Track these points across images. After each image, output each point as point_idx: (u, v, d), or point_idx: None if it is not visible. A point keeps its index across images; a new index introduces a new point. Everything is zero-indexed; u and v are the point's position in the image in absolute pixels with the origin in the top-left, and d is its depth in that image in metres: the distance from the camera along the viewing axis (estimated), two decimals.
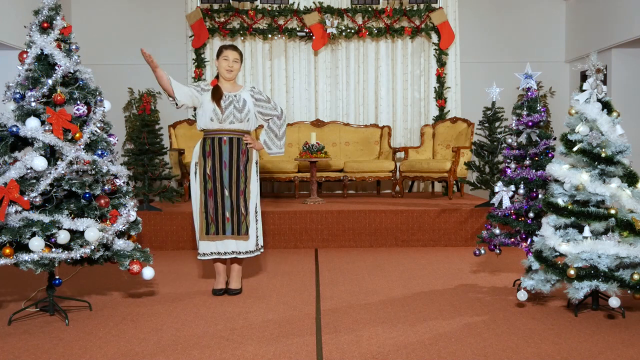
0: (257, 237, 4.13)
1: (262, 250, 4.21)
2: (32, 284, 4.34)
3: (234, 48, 4.15)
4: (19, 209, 3.28)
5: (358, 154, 8.34)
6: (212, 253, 4.08)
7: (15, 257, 3.24)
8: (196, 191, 4.09)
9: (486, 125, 6.23)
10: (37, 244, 3.23)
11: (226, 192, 4.04)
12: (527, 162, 4.08)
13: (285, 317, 3.55)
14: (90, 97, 3.57)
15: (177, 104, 4.06)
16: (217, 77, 4.19)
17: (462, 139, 7.76)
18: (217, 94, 4.05)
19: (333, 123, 8.51)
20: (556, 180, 3.57)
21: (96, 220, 3.46)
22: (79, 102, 3.52)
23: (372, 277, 4.65)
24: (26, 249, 3.27)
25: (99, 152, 3.54)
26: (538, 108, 4.11)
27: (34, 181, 3.35)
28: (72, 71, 3.55)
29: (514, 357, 2.85)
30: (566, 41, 9.10)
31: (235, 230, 4.05)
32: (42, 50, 3.48)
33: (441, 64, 8.61)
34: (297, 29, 8.55)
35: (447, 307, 3.75)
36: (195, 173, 4.08)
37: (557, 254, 3.47)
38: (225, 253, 4.07)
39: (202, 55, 8.53)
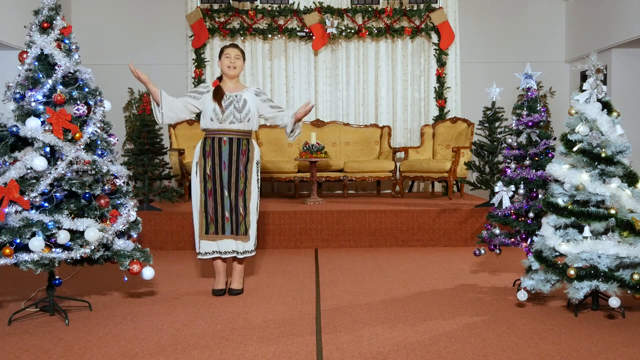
0: (255, 237, 4.14)
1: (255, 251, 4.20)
2: (32, 284, 4.34)
3: (235, 46, 4.20)
4: (19, 209, 3.28)
5: (358, 154, 8.34)
6: (213, 252, 4.09)
7: (15, 257, 3.24)
8: (196, 191, 4.10)
9: (486, 125, 6.23)
10: (37, 244, 3.23)
11: (225, 192, 4.05)
12: (527, 162, 4.08)
13: (285, 317, 3.55)
14: (90, 97, 3.57)
15: (160, 119, 4.04)
16: (219, 78, 4.22)
17: (462, 139, 7.76)
18: (218, 94, 4.06)
19: (333, 123, 8.51)
20: (556, 180, 3.57)
21: (96, 220, 3.46)
22: (79, 102, 3.52)
23: (372, 277, 4.65)
24: (26, 249, 3.27)
25: (99, 152, 3.54)
26: (538, 108, 4.11)
27: (34, 181, 3.35)
28: (72, 71, 3.55)
29: (514, 357, 2.85)
30: (566, 41, 9.10)
31: (234, 230, 4.06)
32: (42, 50, 3.48)
33: (441, 64, 8.61)
34: (297, 29, 8.55)
35: (447, 307, 3.75)
36: (196, 173, 4.09)
37: (557, 254, 3.48)
38: (226, 252, 4.08)
39: (202, 55, 8.53)
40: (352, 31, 8.50)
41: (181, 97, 4.16)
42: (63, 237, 3.30)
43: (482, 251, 4.28)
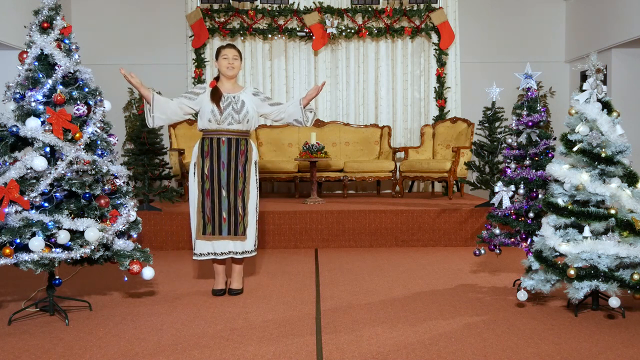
0: (255, 237, 4.13)
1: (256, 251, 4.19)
2: (32, 284, 4.34)
3: (232, 46, 4.18)
4: (19, 209, 3.28)
5: (358, 154, 8.34)
6: (208, 253, 4.07)
7: (15, 257, 3.24)
8: (194, 191, 4.08)
9: (486, 125, 6.24)
10: (37, 244, 3.23)
11: (224, 193, 4.04)
12: (527, 162, 4.08)
13: (285, 317, 3.55)
14: (90, 97, 3.57)
15: (151, 122, 4.07)
16: (216, 78, 4.20)
17: (462, 139, 7.76)
18: (216, 95, 4.05)
19: (333, 123, 8.51)
20: (556, 180, 3.57)
21: (96, 220, 3.46)
22: (79, 102, 3.52)
23: (372, 277, 4.65)
24: (26, 249, 3.27)
25: (99, 152, 3.54)
26: (538, 108, 4.11)
27: (34, 181, 3.35)
28: (72, 71, 3.55)
29: (514, 357, 2.85)
30: (566, 41, 9.10)
31: (232, 230, 4.04)
32: (42, 50, 3.48)
33: (441, 64, 8.60)
34: (297, 29, 8.55)
35: (447, 307, 3.75)
36: (194, 173, 4.08)
37: (557, 254, 3.48)
38: (222, 253, 4.07)
39: (202, 55, 8.53)
40: (352, 31, 8.49)
41: (176, 97, 4.15)
42: (63, 237, 3.30)
43: (482, 251, 4.28)
